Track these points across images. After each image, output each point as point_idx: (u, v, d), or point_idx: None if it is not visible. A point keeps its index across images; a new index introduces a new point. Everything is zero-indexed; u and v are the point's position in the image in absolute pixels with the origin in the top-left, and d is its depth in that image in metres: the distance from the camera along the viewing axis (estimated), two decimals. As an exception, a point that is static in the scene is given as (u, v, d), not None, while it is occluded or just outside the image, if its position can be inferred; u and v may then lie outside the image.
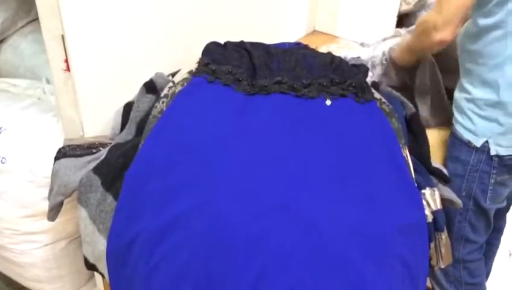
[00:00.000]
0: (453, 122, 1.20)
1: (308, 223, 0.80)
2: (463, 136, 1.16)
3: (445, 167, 1.16)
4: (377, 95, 1.04)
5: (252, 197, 0.82)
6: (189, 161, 0.88)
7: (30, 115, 1.27)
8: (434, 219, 0.96)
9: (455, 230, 1.23)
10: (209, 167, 0.86)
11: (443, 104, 1.30)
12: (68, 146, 1.05)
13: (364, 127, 0.97)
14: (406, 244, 0.86)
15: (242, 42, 1.10)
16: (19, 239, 1.25)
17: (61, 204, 1.03)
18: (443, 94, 1.30)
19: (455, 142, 1.19)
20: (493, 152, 1.13)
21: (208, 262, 0.78)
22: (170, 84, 1.04)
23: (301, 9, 1.81)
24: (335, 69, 1.03)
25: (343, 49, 1.72)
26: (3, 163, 1.20)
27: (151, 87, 1.10)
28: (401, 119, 1.05)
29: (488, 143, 1.13)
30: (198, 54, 1.05)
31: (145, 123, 1.00)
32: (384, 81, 1.30)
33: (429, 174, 1.05)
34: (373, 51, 1.59)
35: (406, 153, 0.99)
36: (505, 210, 1.36)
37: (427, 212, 0.95)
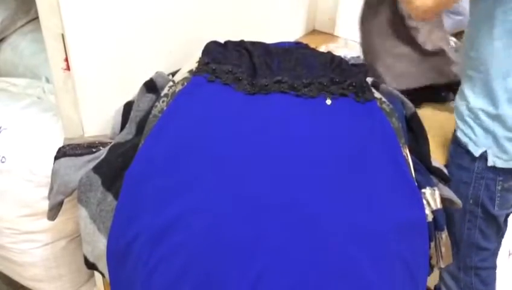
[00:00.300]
0: (455, 127, 1.17)
1: (308, 222, 0.80)
2: (465, 145, 1.13)
3: (449, 174, 1.14)
4: (377, 95, 1.04)
5: (252, 196, 0.82)
6: (189, 161, 0.88)
7: (30, 114, 1.27)
8: (434, 218, 0.96)
9: (465, 237, 1.21)
10: (209, 167, 0.86)
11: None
12: (68, 145, 1.05)
13: (364, 127, 0.96)
14: (406, 243, 0.86)
15: (242, 41, 1.09)
16: (19, 238, 1.25)
17: (61, 203, 1.03)
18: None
19: (458, 149, 1.16)
20: (490, 163, 1.10)
21: (208, 262, 0.78)
22: (170, 83, 1.04)
23: (301, 8, 1.81)
24: (335, 69, 1.03)
25: (342, 48, 1.73)
26: (3, 162, 1.20)
27: (151, 86, 1.10)
28: (401, 118, 1.05)
29: (487, 153, 1.10)
30: (198, 53, 1.05)
31: (145, 122, 1.00)
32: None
33: (429, 173, 1.05)
34: (373, 51, 1.59)
35: (406, 153, 0.99)
36: (508, 214, 1.34)
37: (427, 211, 0.95)
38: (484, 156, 1.11)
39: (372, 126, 0.97)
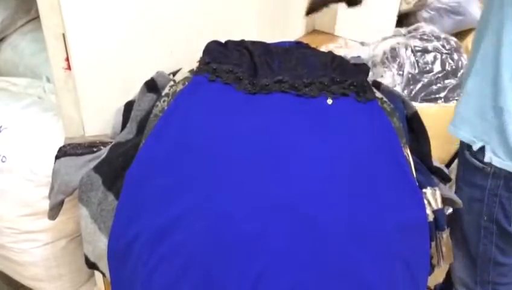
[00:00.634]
0: (455, 130, 1.11)
1: (308, 222, 0.80)
2: (467, 142, 1.09)
3: (459, 189, 1.11)
4: (378, 94, 1.04)
5: (253, 196, 0.82)
6: (190, 160, 0.88)
7: (30, 114, 1.26)
8: (435, 218, 0.97)
9: (481, 253, 1.17)
10: (210, 166, 0.86)
11: None
12: (69, 145, 1.05)
13: (365, 126, 0.96)
14: (407, 243, 0.86)
15: (243, 41, 1.09)
16: (19, 238, 1.25)
17: (61, 203, 1.03)
18: None
19: (468, 166, 1.11)
20: (487, 159, 1.06)
21: (208, 262, 0.78)
22: (171, 83, 1.04)
23: (301, 8, 1.81)
24: (336, 68, 1.03)
25: (343, 48, 1.73)
26: (3, 162, 1.20)
27: (152, 86, 1.10)
28: (402, 118, 1.04)
29: (485, 149, 1.06)
30: (199, 53, 1.05)
31: (146, 122, 1.00)
32: None
33: (430, 173, 1.05)
34: (373, 50, 1.60)
35: (407, 152, 0.99)
36: None
37: (428, 211, 0.95)
38: (497, 173, 1.07)
39: (373, 126, 0.97)
